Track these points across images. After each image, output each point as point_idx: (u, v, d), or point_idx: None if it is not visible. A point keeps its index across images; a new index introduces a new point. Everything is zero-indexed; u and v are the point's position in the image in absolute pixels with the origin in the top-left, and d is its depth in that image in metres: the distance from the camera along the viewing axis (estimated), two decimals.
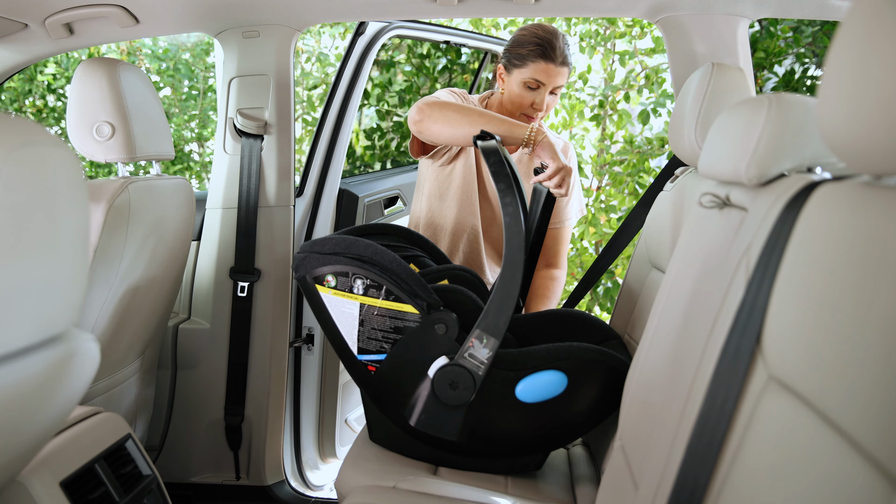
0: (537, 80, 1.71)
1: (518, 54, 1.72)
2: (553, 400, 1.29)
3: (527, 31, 1.73)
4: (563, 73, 1.73)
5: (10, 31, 1.71)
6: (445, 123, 1.53)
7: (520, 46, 1.72)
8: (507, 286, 1.26)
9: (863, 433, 0.51)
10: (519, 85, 1.73)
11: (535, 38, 1.69)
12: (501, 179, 1.28)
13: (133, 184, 1.43)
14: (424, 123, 1.57)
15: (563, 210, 1.93)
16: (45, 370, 0.75)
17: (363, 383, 1.37)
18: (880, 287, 0.53)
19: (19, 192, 0.66)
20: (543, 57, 1.69)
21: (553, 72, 1.70)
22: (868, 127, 0.56)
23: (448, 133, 1.54)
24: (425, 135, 1.59)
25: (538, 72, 1.70)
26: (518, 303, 1.60)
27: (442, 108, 1.55)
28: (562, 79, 1.73)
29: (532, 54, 1.69)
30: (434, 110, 1.55)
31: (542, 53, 1.69)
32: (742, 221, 0.87)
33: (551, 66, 1.70)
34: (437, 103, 1.57)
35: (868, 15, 0.57)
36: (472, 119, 1.51)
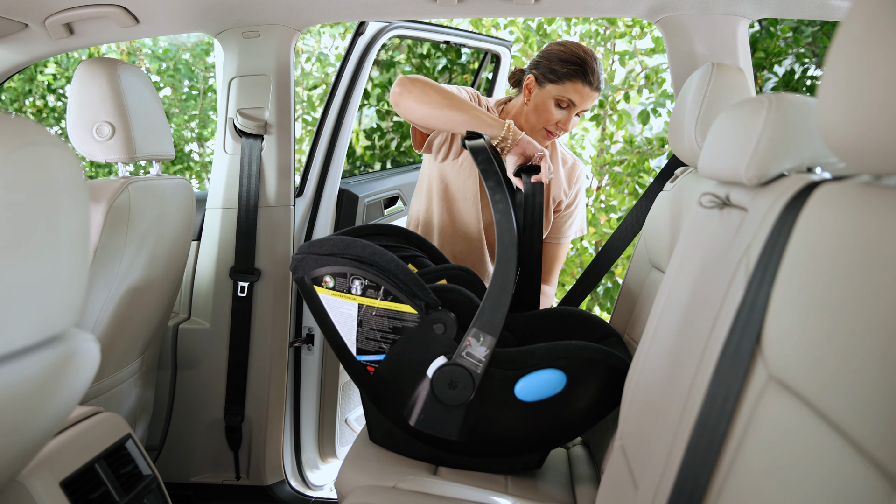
0: (570, 100, 1.70)
1: (555, 70, 1.70)
2: (552, 398, 1.29)
3: (566, 49, 1.71)
4: (594, 98, 1.72)
5: (10, 31, 1.72)
6: (422, 102, 1.52)
7: (559, 63, 1.70)
8: (501, 283, 1.26)
9: (863, 433, 0.51)
10: (550, 100, 1.72)
11: (576, 58, 1.68)
12: (490, 177, 1.29)
13: (133, 184, 1.43)
14: (402, 96, 1.54)
15: (563, 227, 1.93)
16: (45, 370, 0.75)
17: (362, 384, 1.37)
18: (880, 287, 0.53)
19: (19, 192, 0.66)
20: (582, 78, 1.68)
21: (587, 95, 1.70)
22: (868, 127, 0.56)
23: (422, 112, 1.53)
24: (401, 108, 1.58)
25: (573, 92, 1.69)
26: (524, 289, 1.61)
27: (424, 87, 1.53)
28: (591, 102, 1.72)
29: (571, 74, 1.68)
30: (416, 87, 1.53)
31: (582, 75, 1.67)
32: (742, 221, 0.87)
33: (587, 89, 1.69)
34: (421, 81, 1.55)
35: (868, 15, 0.57)
36: (450, 103, 1.50)
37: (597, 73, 1.69)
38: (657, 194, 1.61)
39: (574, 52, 1.69)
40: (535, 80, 1.75)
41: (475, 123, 1.48)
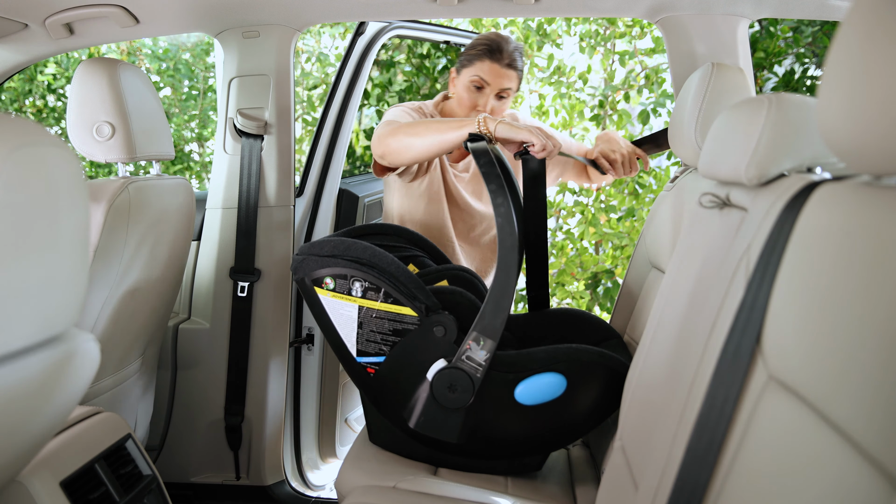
0: (482, 79, 1.70)
1: (468, 55, 1.73)
2: (552, 402, 1.29)
3: (479, 36, 1.75)
4: (510, 76, 1.72)
5: (10, 31, 1.72)
6: (406, 149, 1.54)
7: (470, 48, 1.73)
8: (501, 287, 1.26)
9: (862, 433, 0.51)
10: (465, 86, 1.73)
11: (485, 41, 1.71)
12: (492, 180, 1.27)
13: (133, 184, 1.43)
14: (389, 157, 1.58)
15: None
16: (45, 370, 0.76)
17: (362, 385, 1.37)
18: (880, 287, 0.53)
19: (19, 192, 0.66)
20: (490, 56, 1.69)
21: (498, 72, 1.70)
22: (868, 127, 0.56)
23: (411, 155, 1.55)
24: (397, 164, 1.62)
25: (483, 70, 1.70)
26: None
27: (395, 135, 1.55)
28: (508, 81, 1.72)
29: (479, 54, 1.70)
30: (391, 141, 1.56)
31: (489, 53, 1.69)
32: (742, 221, 0.87)
33: (496, 66, 1.69)
34: (389, 133, 1.57)
35: (868, 15, 0.57)
36: (423, 134, 1.52)
37: (506, 50, 1.69)
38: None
39: (485, 35, 1.73)
40: (455, 71, 1.78)
41: (451, 135, 1.47)
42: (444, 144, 1.49)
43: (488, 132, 1.44)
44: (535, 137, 1.42)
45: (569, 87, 3.75)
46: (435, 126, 1.51)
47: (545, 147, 1.43)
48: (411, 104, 1.82)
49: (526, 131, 1.43)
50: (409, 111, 1.76)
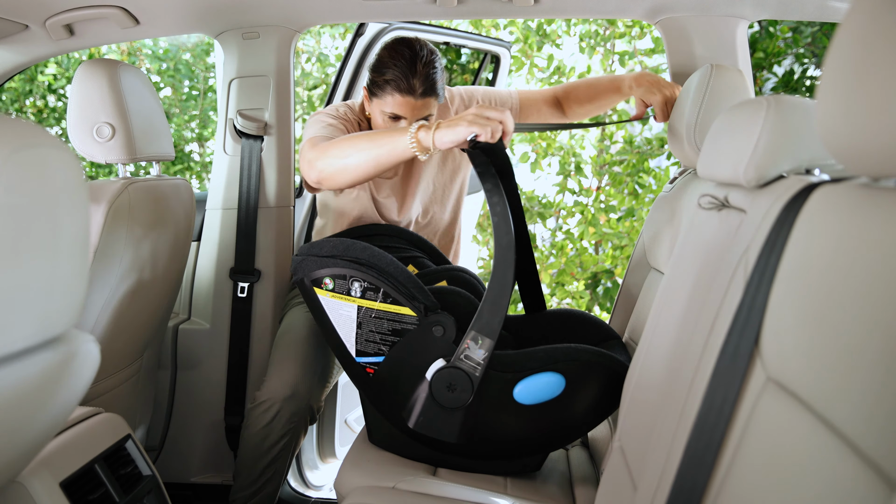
0: (397, 115, 1.53)
1: (376, 82, 1.53)
2: (551, 402, 1.29)
3: (388, 53, 1.51)
4: (427, 105, 1.52)
5: (10, 32, 1.72)
6: (340, 172, 1.38)
7: (378, 72, 1.52)
8: (499, 286, 1.26)
9: (860, 435, 0.51)
10: (380, 115, 1.56)
11: (394, 67, 1.49)
12: (488, 179, 1.27)
13: (133, 184, 1.43)
14: (326, 184, 1.42)
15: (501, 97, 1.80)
16: (45, 371, 0.76)
17: (362, 385, 1.38)
18: (878, 289, 0.53)
19: (20, 194, 0.66)
20: (400, 90, 1.49)
21: (412, 105, 1.51)
22: (866, 129, 0.56)
23: (348, 179, 1.39)
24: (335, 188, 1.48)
25: (396, 106, 1.51)
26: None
27: (325, 158, 1.39)
28: (426, 109, 1.53)
29: (389, 85, 1.50)
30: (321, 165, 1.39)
31: (399, 87, 1.49)
32: (741, 223, 0.87)
33: (409, 100, 1.50)
34: (317, 156, 1.40)
35: (866, 17, 0.57)
36: (354, 155, 1.36)
37: (418, 79, 1.48)
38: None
39: (393, 56, 1.50)
40: (367, 92, 1.58)
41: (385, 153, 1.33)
42: (381, 164, 1.34)
43: (428, 148, 1.29)
44: (476, 126, 1.25)
45: None
46: (364, 143, 1.35)
47: (493, 132, 1.26)
48: (333, 109, 1.63)
49: (464, 124, 1.26)
50: (331, 121, 1.56)
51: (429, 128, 1.29)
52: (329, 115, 1.59)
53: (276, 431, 1.58)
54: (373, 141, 1.34)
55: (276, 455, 1.61)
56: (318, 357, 1.62)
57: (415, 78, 1.48)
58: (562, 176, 3.70)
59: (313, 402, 1.60)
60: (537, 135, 3.61)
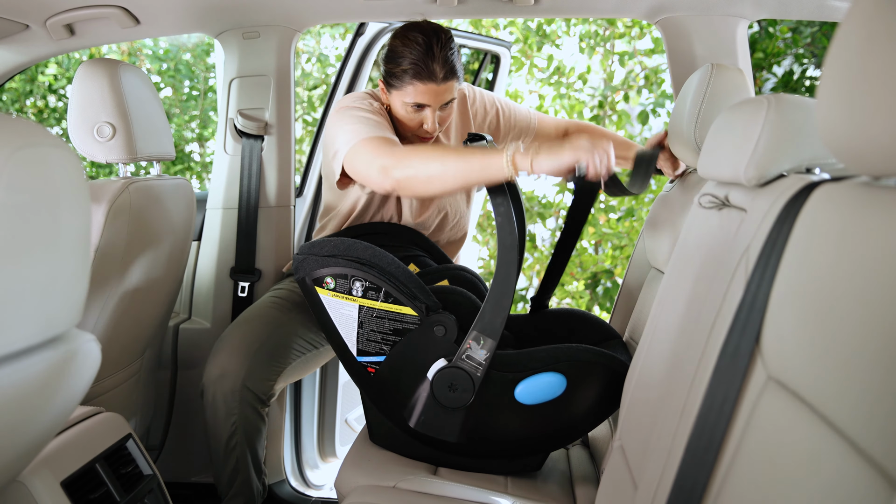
0: (419, 104, 1.48)
1: (393, 73, 1.47)
2: (552, 401, 1.29)
3: (401, 41, 1.46)
4: (450, 88, 1.47)
5: (11, 31, 1.72)
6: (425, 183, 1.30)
7: (394, 62, 1.46)
8: (501, 286, 1.26)
9: (861, 434, 0.51)
10: (402, 106, 1.50)
11: (411, 55, 1.43)
12: None
13: (134, 184, 1.43)
14: (405, 191, 1.35)
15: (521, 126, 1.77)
16: (46, 370, 0.76)
17: (363, 385, 1.38)
18: (879, 288, 0.53)
19: (21, 193, 0.66)
20: (420, 78, 1.44)
21: (434, 91, 1.45)
22: (866, 128, 0.56)
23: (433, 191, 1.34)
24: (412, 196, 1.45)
25: (418, 94, 1.46)
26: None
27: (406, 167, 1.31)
28: (448, 94, 1.48)
29: (408, 74, 1.44)
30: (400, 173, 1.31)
31: (419, 74, 1.43)
32: (741, 222, 0.87)
33: (432, 86, 1.45)
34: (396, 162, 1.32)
35: (867, 16, 0.57)
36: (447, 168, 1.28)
37: (437, 63, 1.43)
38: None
39: (408, 45, 1.45)
40: (384, 83, 1.53)
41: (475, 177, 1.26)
42: (469, 183, 1.29)
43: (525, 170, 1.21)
44: (582, 154, 1.17)
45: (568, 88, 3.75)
46: (453, 160, 1.27)
47: (601, 165, 1.18)
48: (362, 101, 1.53)
49: (569, 151, 1.18)
50: (373, 116, 1.48)
51: (526, 154, 1.19)
52: (363, 109, 1.49)
53: (218, 414, 1.54)
54: (463, 159, 1.26)
55: (228, 439, 1.56)
56: (261, 338, 1.56)
57: (434, 62, 1.43)
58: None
59: (253, 384, 1.53)
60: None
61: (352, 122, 1.45)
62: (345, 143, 1.42)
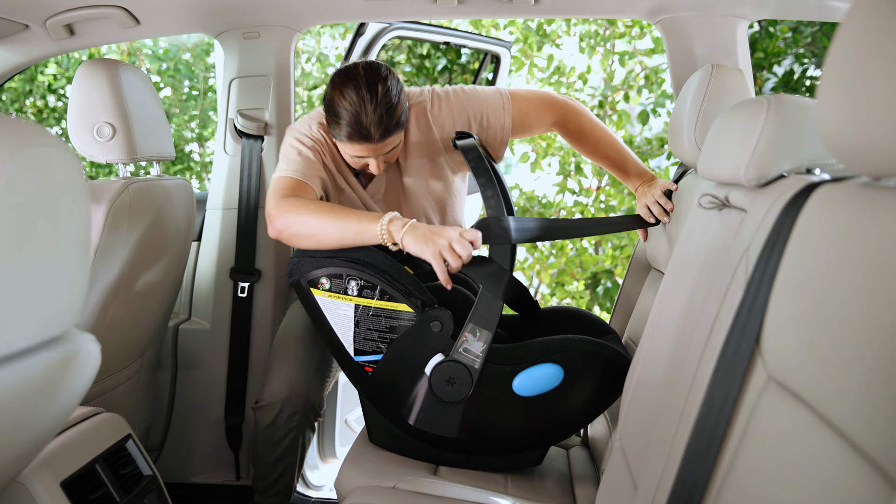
0: (361, 157, 1.43)
1: (331, 125, 1.41)
2: (550, 393, 1.29)
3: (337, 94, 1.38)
4: (389, 143, 1.41)
5: (11, 32, 1.72)
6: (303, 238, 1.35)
7: (331, 115, 1.40)
8: (495, 279, 1.26)
9: (861, 434, 0.51)
10: (343, 152, 1.46)
11: (345, 115, 1.36)
12: (481, 174, 1.31)
13: (133, 184, 1.43)
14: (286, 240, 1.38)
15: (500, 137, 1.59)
16: (46, 371, 0.76)
17: (361, 384, 1.38)
18: (879, 288, 0.53)
19: (21, 194, 0.66)
20: (357, 140, 1.38)
21: (374, 148, 1.40)
22: (866, 129, 0.56)
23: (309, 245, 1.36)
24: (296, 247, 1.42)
25: (356, 151, 1.41)
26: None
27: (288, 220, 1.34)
28: (390, 145, 1.42)
29: (342, 133, 1.39)
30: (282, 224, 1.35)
31: (352, 136, 1.38)
32: (741, 222, 0.87)
33: (368, 146, 1.39)
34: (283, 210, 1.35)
35: (866, 17, 0.57)
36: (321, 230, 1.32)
37: (374, 125, 1.35)
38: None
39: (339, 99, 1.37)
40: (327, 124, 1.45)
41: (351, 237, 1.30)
42: (345, 244, 1.32)
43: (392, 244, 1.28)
44: (434, 261, 1.23)
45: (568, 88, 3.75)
46: (331, 220, 1.31)
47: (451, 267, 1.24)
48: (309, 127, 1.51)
49: (432, 248, 1.23)
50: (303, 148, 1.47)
51: (400, 225, 1.26)
52: (303, 136, 1.49)
53: (280, 429, 1.60)
54: (341, 221, 1.30)
55: (285, 450, 1.63)
56: (314, 354, 1.62)
57: (369, 125, 1.36)
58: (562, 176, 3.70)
59: (313, 398, 1.61)
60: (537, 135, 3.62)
61: (284, 150, 1.50)
62: (275, 174, 1.46)
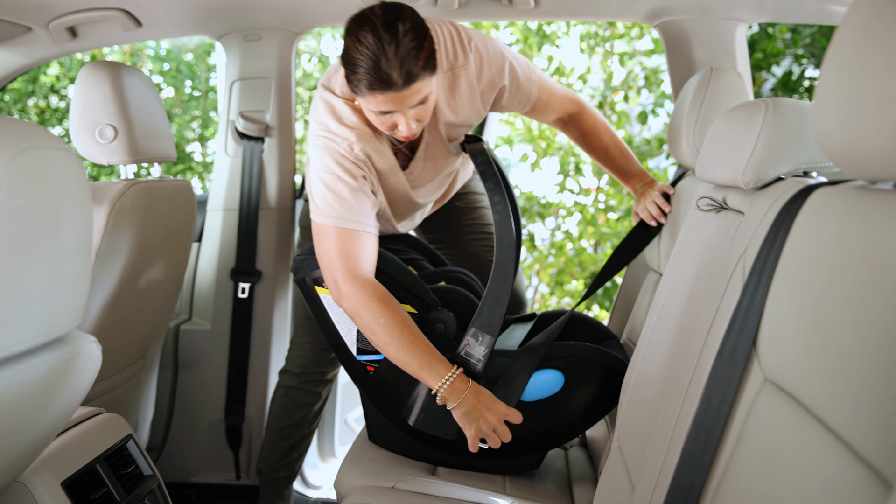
0: (385, 112, 1.26)
1: (350, 79, 1.24)
2: (550, 398, 1.29)
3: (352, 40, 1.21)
4: (416, 91, 1.22)
5: (14, 34, 1.72)
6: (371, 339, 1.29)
7: (349, 67, 1.23)
8: (499, 284, 1.26)
9: (856, 435, 0.51)
10: (369, 113, 1.28)
11: (363, 62, 1.20)
12: (489, 178, 1.30)
13: (135, 186, 1.43)
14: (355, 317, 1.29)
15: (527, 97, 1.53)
16: (47, 372, 0.76)
17: (362, 384, 1.38)
18: (875, 290, 0.53)
19: (23, 196, 0.67)
20: (378, 88, 1.21)
21: (398, 98, 1.22)
22: (863, 133, 0.56)
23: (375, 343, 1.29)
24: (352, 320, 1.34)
25: (380, 104, 1.23)
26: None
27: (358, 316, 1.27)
28: (417, 95, 1.23)
29: (363, 84, 1.21)
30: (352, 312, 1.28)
31: (373, 84, 1.20)
32: (739, 225, 0.88)
33: (392, 95, 1.21)
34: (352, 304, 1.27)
35: (863, 22, 0.58)
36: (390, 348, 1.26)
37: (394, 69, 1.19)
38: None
39: (355, 45, 1.21)
40: (349, 85, 1.28)
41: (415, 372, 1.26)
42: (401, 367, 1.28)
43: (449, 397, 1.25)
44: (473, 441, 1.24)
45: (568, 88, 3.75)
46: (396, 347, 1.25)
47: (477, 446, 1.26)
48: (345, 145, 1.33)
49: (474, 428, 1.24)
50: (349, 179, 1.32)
51: (459, 395, 1.23)
52: (344, 159, 1.32)
53: (299, 399, 1.78)
54: (404, 353, 1.25)
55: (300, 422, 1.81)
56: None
57: (390, 69, 1.19)
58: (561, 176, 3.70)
59: (328, 370, 1.78)
60: (537, 134, 3.62)
61: (324, 177, 1.31)
62: (316, 207, 1.31)
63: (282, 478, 1.83)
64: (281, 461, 1.82)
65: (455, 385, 1.24)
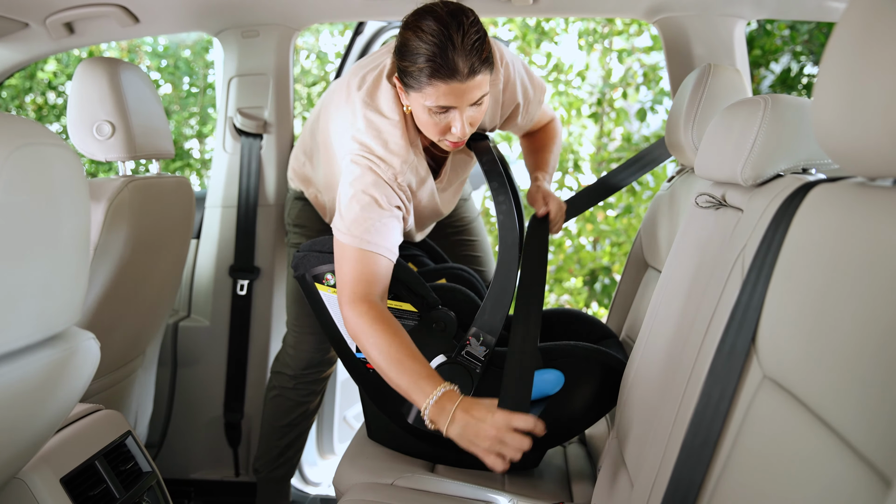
0: (443, 106, 1.20)
1: (408, 72, 1.19)
2: (550, 398, 1.29)
3: (413, 32, 1.18)
4: (479, 84, 1.19)
5: (11, 30, 1.72)
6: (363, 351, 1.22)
7: (408, 59, 1.18)
8: (502, 284, 1.26)
9: (855, 433, 0.52)
10: (423, 110, 1.23)
11: (425, 50, 1.15)
12: (494, 178, 1.29)
13: (133, 182, 1.43)
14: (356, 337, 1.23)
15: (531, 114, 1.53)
16: (46, 368, 0.76)
17: (361, 381, 1.38)
18: (874, 287, 0.53)
19: (20, 193, 0.67)
20: (440, 76, 1.16)
21: (461, 90, 1.17)
22: (862, 130, 0.56)
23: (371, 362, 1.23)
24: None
25: (440, 96, 1.18)
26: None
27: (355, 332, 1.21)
28: (479, 90, 1.20)
29: (424, 74, 1.16)
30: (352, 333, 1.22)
31: (437, 72, 1.16)
32: (738, 222, 0.88)
33: (455, 85, 1.16)
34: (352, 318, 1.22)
35: (862, 19, 0.58)
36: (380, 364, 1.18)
37: (460, 57, 1.15)
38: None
39: (422, 36, 1.16)
40: (401, 83, 1.24)
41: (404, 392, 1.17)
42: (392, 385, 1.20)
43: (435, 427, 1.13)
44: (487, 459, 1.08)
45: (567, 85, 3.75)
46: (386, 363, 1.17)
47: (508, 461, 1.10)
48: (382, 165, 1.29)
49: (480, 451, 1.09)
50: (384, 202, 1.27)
51: (448, 413, 1.10)
52: (386, 186, 1.28)
53: (299, 394, 1.78)
54: (395, 370, 1.17)
55: (298, 419, 1.80)
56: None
57: (455, 55, 1.14)
58: (560, 173, 3.70)
59: (325, 369, 1.78)
60: None
61: (361, 198, 1.26)
62: (343, 223, 1.26)
63: (279, 475, 1.83)
64: (278, 460, 1.81)
65: (441, 404, 1.10)
